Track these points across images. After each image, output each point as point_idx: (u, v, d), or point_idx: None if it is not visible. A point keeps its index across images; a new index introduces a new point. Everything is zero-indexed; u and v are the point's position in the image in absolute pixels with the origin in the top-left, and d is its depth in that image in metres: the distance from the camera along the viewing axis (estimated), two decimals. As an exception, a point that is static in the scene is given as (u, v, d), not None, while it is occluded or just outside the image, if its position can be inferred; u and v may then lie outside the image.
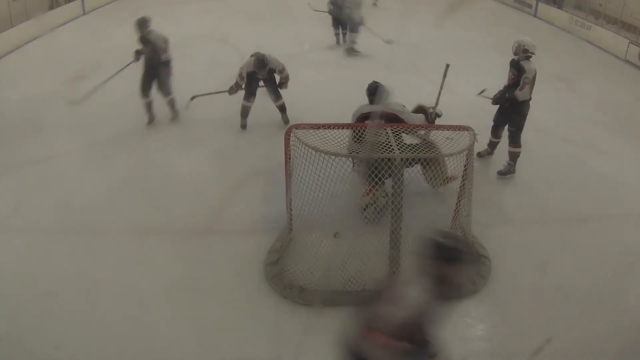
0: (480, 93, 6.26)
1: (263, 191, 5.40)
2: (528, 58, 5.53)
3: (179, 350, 3.58)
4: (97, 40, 11.06)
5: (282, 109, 6.89)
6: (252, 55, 6.57)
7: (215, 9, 14.18)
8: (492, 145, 6.19)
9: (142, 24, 6.81)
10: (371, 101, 5.01)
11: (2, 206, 5.14)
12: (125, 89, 8.18)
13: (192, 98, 6.82)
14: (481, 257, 4.38)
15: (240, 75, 6.55)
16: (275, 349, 3.59)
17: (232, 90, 6.64)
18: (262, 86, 6.63)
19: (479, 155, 6.03)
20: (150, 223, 4.91)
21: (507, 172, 5.82)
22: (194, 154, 6.23)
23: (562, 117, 7.33)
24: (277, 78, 6.70)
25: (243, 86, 6.56)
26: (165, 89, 6.80)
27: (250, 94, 6.65)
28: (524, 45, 5.49)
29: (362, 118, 4.88)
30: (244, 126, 6.77)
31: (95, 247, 4.58)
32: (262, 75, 6.49)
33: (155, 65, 6.65)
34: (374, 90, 4.98)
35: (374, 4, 14.34)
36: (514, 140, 5.78)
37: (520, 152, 5.80)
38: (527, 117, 5.76)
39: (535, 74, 5.52)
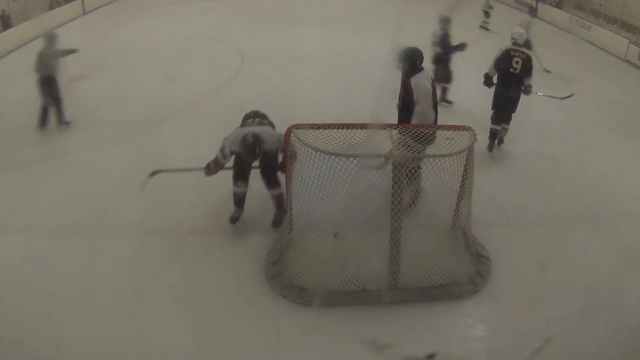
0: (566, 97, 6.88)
1: (263, 191, 5.39)
2: (517, 44, 6.03)
3: (179, 350, 3.58)
4: (97, 40, 11.06)
5: (279, 202, 4.77)
6: (244, 123, 4.90)
7: (215, 9, 14.19)
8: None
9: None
10: (420, 65, 4.79)
11: (2, 206, 5.13)
12: (125, 88, 8.20)
13: (153, 174, 4.84)
14: (481, 257, 4.38)
15: (223, 151, 4.56)
16: (275, 349, 3.59)
17: (209, 170, 4.72)
18: (255, 167, 4.77)
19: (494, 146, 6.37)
20: (150, 223, 4.91)
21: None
22: (193, 153, 6.22)
23: (562, 117, 7.33)
24: (280, 156, 4.71)
25: (225, 165, 4.70)
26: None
27: (239, 177, 4.73)
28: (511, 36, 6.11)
29: (433, 85, 4.83)
30: (233, 220, 4.80)
31: (95, 247, 4.58)
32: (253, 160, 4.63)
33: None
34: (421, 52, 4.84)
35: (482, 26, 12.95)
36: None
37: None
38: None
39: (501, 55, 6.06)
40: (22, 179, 5.62)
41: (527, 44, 9.19)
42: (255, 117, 4.94)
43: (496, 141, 6.33)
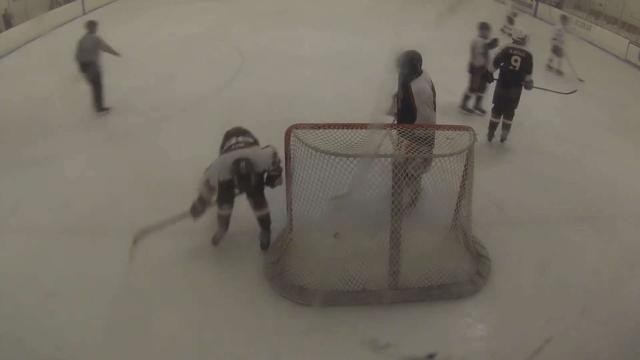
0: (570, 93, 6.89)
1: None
2: (517, 43, 6.18)
3: (179, 350, 3.58)
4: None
5: (265, 222, 4.49)
6: (228, 142, 4.54)
7: (215, 9, 14.19)
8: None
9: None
10: (419, 69, 4.74)
11: (2, 206, 5.13)
12: (124, 89, 8.20)
13: (137, 239, 4.19)
14: (481, 257, 4.38)
15: (208, 184, 4.14)
16: (275, 349, 3.59)
17: (196, 211, 4.28)
18: (239, 193, 4.38)
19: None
20: (151, 223, 4.90)
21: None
22: (193, 153, 6.22)
23: (562, 117, 7.34)
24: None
25: (213, 200, 4.28)
26: None
27: (224, 202, 4.37)
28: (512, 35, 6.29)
29: (433, 89, 4.76)
30: (216, 241, 4.53)
31: (95, 247, 4.57)
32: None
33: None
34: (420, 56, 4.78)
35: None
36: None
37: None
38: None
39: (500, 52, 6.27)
40: (22, 179, 5.62)
41: (558, 51, 9.33)
42: (238, 134, 4.57)
43: (499, 138, 6.50)
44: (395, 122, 4.96)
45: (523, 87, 6.20)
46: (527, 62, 6.05)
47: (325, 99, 7.71)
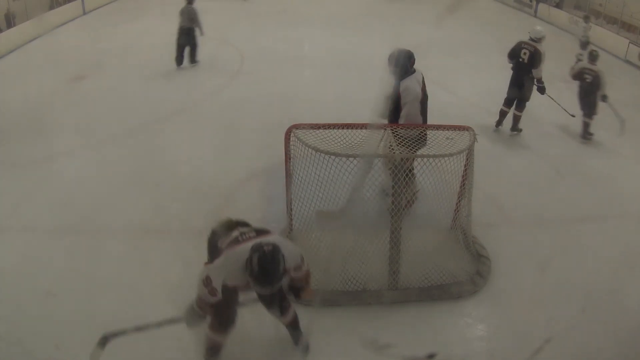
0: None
1: (263, 191, 5.39)
2: (531, 40, 6.61)
3: (179, 350, 3.57)
4: (97, 41, 11.07)
5: (295, 324, 3.47)
6: (228, 236, 3.15)
7: (215, 9, 14.18)
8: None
9: None
10: (410, 68, 4.74)
11: (2, 206, 5.13)
12: (125, 88, 8.21)
13: (103, 341, 3.11)
14: (481, 257, 4.38)
15: (210, 285, 2.91)
16: (275, 349, 3.59)
17: (193, 317, 3.14)
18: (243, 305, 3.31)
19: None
20: (150, 223, 4.91)
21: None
22: (193, 153, 6.23)
23: (562, 117, 7.32)
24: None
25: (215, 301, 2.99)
26: None
27: (228, 323, 3.24)
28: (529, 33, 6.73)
29: (423, 89, 4.71)
30: None
31: (95, 247, 4.57)
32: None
33: None
34: (412, 55, 4.74)
35: None
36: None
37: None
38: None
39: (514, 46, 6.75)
40: (22, 179, 5.62)
41: (584, 45, 10.20)
42: (241, 226, 3.28)
43: (510, 128, 6.93)
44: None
45: (535, 88, 6.67)
46: (535, 56, 6.49)
47: (325, 99, 7.71)
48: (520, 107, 6.79)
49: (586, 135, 6.94)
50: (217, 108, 7.49)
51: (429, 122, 4.81)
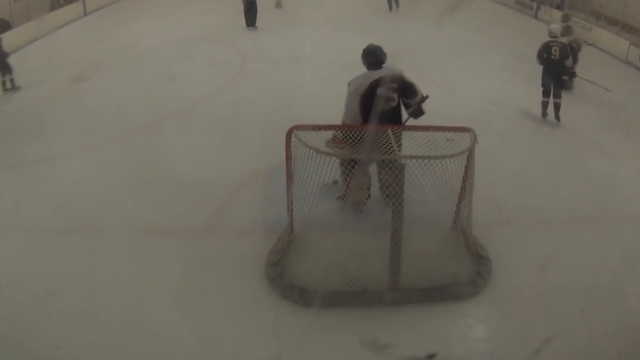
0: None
1: (264, 192, 5.40)
2: (553, 37, 7.24)
3: (179, 350, 3.57)
4: (98, 41, 11.08)
5: None
6: None
7: (215, 9, 14.20)
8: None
9: None
10: (370, 65, 4.94)
11: (2, 206, 5.13)
12: (126, 89, 8.22)
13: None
14: (482, 258, 4.38)
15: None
16: (275, 349, 3.59)
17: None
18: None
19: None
20: (151, 223, 4.91)
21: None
22: (194, 154, 6.23)
23: (562, 117, 7.33)
24: None
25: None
26: None
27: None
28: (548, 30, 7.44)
29: (373, 86, 4.79)
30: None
31: (95, 247, 4.57)
32: None
33: None
34: (374, 51, 4.98)
35: None
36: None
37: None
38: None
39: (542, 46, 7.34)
40: (22, 179, 5.62)
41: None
42: None
43: (554, 116, 7.29)
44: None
45: (567, 78, 7.43)
46: (565, 50, 7.15)
47: (326, 100, 7.68)
48: (558, 95, 7.25)
49: (557, 116, 7.23)
50: (218, 108, 7.50)
51: (429, 122, 4.80)
